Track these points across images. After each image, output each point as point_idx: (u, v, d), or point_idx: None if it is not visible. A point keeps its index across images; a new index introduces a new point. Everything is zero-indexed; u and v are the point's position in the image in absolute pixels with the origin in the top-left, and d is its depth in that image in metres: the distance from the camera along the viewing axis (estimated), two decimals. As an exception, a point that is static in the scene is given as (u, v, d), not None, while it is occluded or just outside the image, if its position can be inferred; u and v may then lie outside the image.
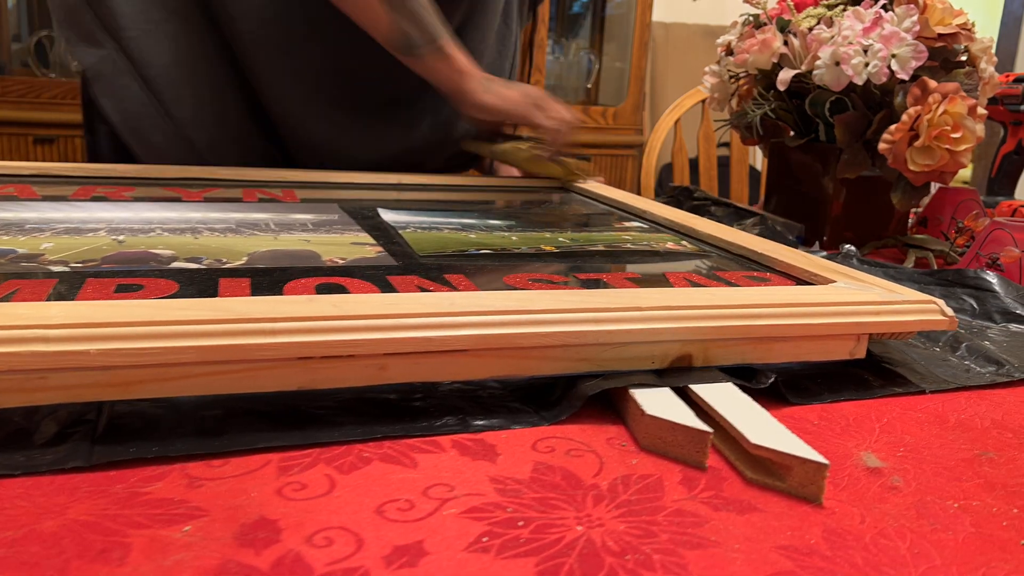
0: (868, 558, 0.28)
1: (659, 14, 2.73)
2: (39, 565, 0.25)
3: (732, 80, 0.94)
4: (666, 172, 2.68)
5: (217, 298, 0.37)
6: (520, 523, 0.29)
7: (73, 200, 0.67)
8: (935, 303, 0.46)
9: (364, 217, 0.67)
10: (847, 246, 0.75)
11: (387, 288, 0.45)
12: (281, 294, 0.43)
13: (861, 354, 0.45)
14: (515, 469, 0.33)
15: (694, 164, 1.67)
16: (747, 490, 0.32)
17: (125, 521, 0.27)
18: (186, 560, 0.25)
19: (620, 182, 2.32)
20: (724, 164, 1.68)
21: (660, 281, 0.51)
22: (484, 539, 0.28)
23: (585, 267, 0.55)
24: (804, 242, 0.85)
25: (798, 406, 0.41)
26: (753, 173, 2.29)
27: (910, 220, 0.92)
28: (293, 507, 0.29)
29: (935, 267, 0.76)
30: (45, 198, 0.67)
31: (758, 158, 2.49)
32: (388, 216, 0.68)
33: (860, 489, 0.33)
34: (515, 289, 0.46)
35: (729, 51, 0.93)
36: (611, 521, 0.29)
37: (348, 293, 0.43)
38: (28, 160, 1.85)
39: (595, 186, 0.89)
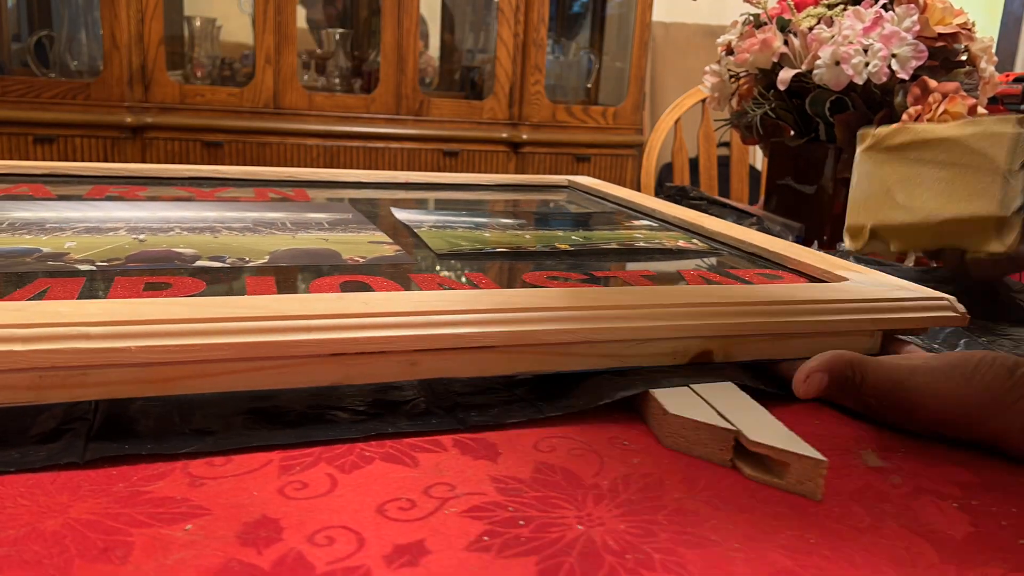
0: (868, 557, 0.28)
1: (659, 14, 2.73)
2: (41, 564, 0.25)
3: (732, 80, 0.94)
4: (666, 172, 2.68)
5: (252, 296, 0.37)
6: (521, 522, 0.29)
7: (88, 199, 0.68)
8: (947, 299, 0.47)
9: (377, 216, 0.68)
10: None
11: (410, 286, 0.46)
12: (307, 292, 0.43)
13: (876, 349, 0.46)
14: (516, 468, 0.33)
15: (694, 164, 1.67)
16: (747, 489, 0.32)
17: (127, 520, 0.28)
18: (188, 559, 0.25)
19: (620, 182, 2.32)
20: (724, 164, 1.68)
21: (675, 278, 0.52)
22: (485, 538, 0.28)
23: (601, 265, 0.55)
24: (803, 242, 0.85)
25: (799, 405, 0.41)
26: (753, 173, 2.29)
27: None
28: (295, 506, 0.29)
29: (935, 266, 0.76)
30: (60, 197, 0.68)
31: (758, 158, 2.49)
32: (402, 215, 0.68)
33: (860, 488, 0.33)
34: (536, 287, 0.47)
35: (729, 51, 0.93)
36: (611, 520, 0.29)
37: (373, 291, 0.43)
38: (28, 160, 1.85)
39: (602, 184, 0.90)
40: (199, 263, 0.48)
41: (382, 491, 0.30)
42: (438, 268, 0.51)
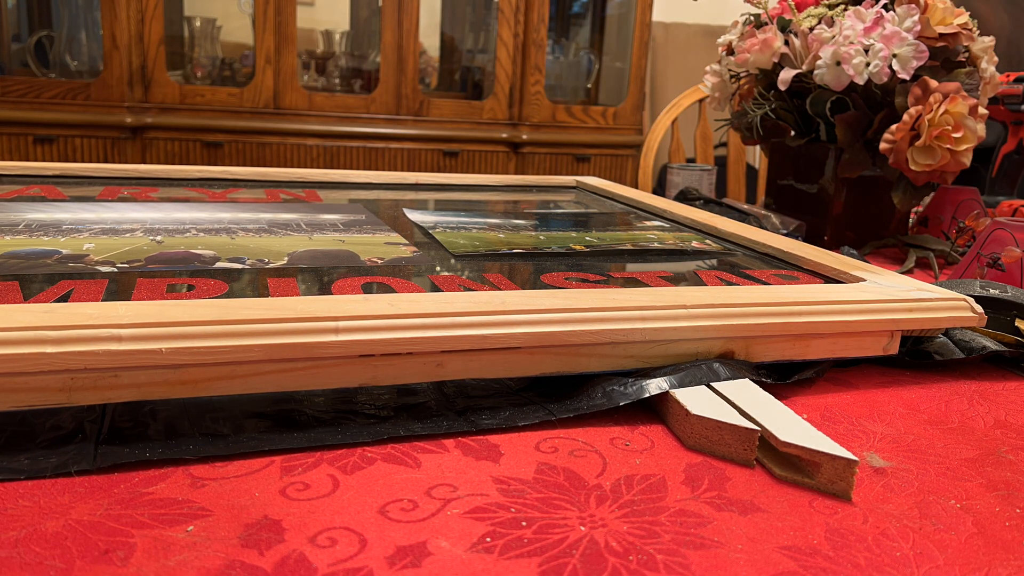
0: (871, 558, 0.28)
1: (659, 14, 2.73)
2: (42, 565, 0.25)
3: (733, 80, 0.94)
4: (664, 172, 2.68)
5: (280, 297, 0.37)
6: (523, 523, 0.29)
7: (100, 200, 0.68)
8: (965, 300, 0.47)
9: (390, 217, 0.68)
10: (846, 248, 0.75)
11: (431, 287, 0.46)
12: (330, 293, 0.43)
13: (894, 350, 0.46)
14: (518, 469, 0.33)
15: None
16: (749, 490, 0.32)
17: (128, 521, 0.27)
18: (189, 560, 0.25)
19: (620, 182, 2.32)
20: (721, 164, 1.68)
21: (693, 279, 0.52)
22: (487, 539, 0.28)
23: (617, 265, 0.56)
24: (805, 242, 0.85)
25: (800, 405, 0.41)
26: (750, 172, 2.29)
27: (911, 220, 0.92)
28: (297, 507, 0.29)
29: (936, 267, 0.76)
30: (73, 199, 0.68)
31: (756, 157, 2.49)
32: (415, 216, 0.69)
33: (863, 489, 0.33)
34: (554, 288, 0.47)
35: (730, 51, 0.93)
36: (614, 521, 0.29)
37: (396, 292, 0.44)
38: (28, 160, 1.85)
39: (609, 185, 0.90)
40: (219, 264, 0.49)
41: (384, 492, 0.30)
42: (457, 269, 0.51)
